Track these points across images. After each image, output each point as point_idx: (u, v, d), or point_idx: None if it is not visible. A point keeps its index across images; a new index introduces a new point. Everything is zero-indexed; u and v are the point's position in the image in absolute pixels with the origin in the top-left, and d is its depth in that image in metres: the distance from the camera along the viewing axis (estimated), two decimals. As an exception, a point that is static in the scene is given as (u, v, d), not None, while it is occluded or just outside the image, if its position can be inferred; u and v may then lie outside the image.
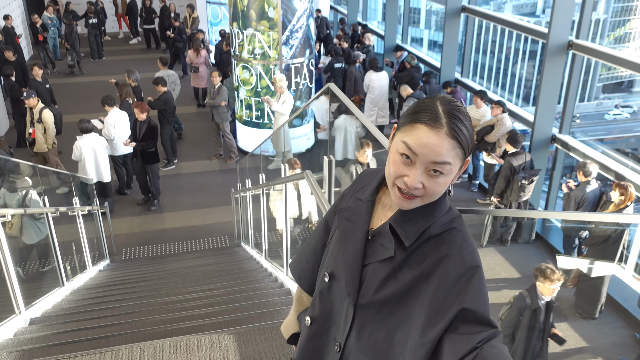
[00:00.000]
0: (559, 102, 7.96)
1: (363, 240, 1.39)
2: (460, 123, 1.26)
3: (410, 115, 1.30)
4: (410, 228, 1.33)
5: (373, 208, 1.45)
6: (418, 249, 1.31)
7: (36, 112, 8.31)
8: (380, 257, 1.34)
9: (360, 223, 1.42)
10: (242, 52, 9.50)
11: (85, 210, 6.38)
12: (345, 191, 1.60)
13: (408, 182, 1.26)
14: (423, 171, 1.25)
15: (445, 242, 1.30)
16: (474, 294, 1.23)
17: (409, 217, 1.34)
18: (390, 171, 1.31)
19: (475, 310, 1.20)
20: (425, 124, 1.25)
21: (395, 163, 1.29)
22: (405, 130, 1.28)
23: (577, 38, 7.32)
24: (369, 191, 1.47)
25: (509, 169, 7.14)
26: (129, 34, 18.90)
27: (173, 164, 10.13)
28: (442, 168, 1.24)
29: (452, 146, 1.24)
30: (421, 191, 1.27)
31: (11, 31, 13.75)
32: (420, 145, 1.24)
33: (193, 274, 5.90)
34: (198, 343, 3.10)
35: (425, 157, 1.24)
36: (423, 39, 37.76)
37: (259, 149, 7.92)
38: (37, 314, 4.46)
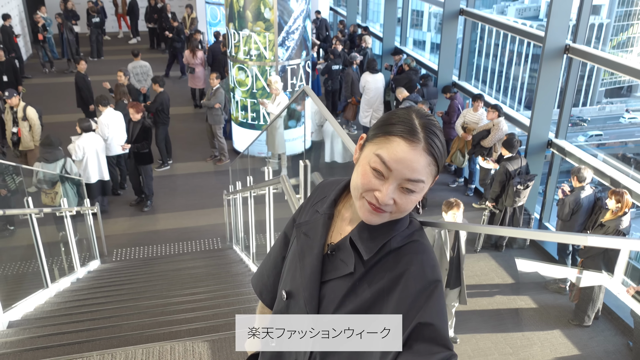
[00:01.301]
0: (558, 106, 7.89)
1: (320, 256, 1.32)
2: (436, 138, 1.20)
3: (384, 126, 1.22)
4: (370, 241, 1.26)
5: (331, 222, 1.38)
6: (378, 264, 1.24)
7: (20, 110, 8.27)
8: (339, 273, 1.27)
9: (317, 238, 1.35)
10: (238, 53, 9.44)
11: (73, 211, 6.31)
12: (304, 204, 1.52)
13: (379, 197, 1.19)
14: (396, 187, 1.19)
15: (406, 255, 1.24)
16: (433, 310, 1.16)
17: (371, 232, 1.27)
18: (358, 183, 1.23)
19: (433, 324, 1.13)
20: (402, 138, 1.18)
21: (365, 175, 1.22)
22: (379, 142, 1.21)
23: (574, 42, 7.24)
24: (327, 203, 1.40)
25: (504, 173, 7.05)
26: (129, 33, 18.87)
27: (167, 165, 10.08)
28: (415, 186, 1.19)
29: (427, 163, 1.18)
30: (392, 207, 1.21)
31: (9, 30, 13.72)
32: (396, 160, 1.17)
33: (180, 277, 5.84)
34: (171, 350, 3.03)
35: (399, 174, 1.17)
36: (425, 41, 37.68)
37: (255, 151, 7.88)
38: (17, 316, 4.39)
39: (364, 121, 10.66)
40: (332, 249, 1.31)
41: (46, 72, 15.29)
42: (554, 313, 6.35)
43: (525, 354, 5.71)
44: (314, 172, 2.69)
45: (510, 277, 7.08)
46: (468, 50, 10.41)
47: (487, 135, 8.16)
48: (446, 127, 9.51)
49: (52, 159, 7.08)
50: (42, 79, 14.92)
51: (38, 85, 14.36)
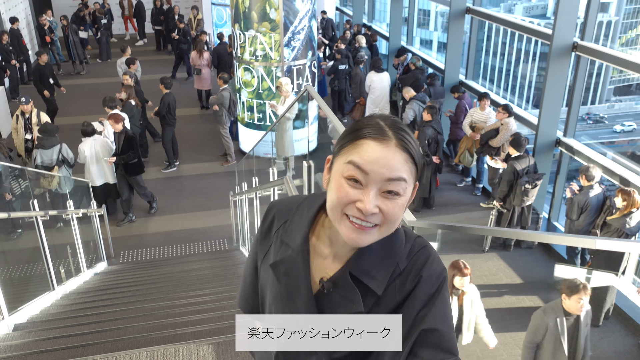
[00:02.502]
0: (566, 104, 7.82)
1: (311, 295, 1.22)
2: (407, 135, 1.13)
3: (350, 134, 1.15)
4: (378, 273, 1.18)
5: (309, 258, 1.25)
6: (388, 289, 1.18)
7: (34, 116, 8.28)
8: (346, 311, 1.18)
9: (301, 277, 1.23)
10: (244, 53, 9.43)
11: (79, 213, 6.31)
12: (263, 230, 1.38)
13: (362, 207, 1.09)
14: (377, 192, 1.10)
15: (412, 271, 1.19)
16: (437, 316, 1.14)
17: (371, 262, 1.18)
18: (335, 200, 1.13)
19: (437, 329, 1.12)
20: (372, 138, 1.10)
21: (341, 188, 1.12)
22: (348, 150, 1.13)
23: (582, 40, 7.17)
24: (300, 237, 1.26)
25: (512, 173, 6.99)
26: (136, 35, 18.92)
27: (174, 166, 10.08)
28: (398, 186, 1.10)
29: (404, 159, 1.11)
30: (379, 217, 1.11)
31: (17, 33, 13.79)
32: (370, 161, 1.09)
33: (186, 278, 5.82)
34: (176, 353, 3.01)
35: (377, 175, 1.09)
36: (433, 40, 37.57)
37: (261, 152, 7.86)
38: (22, 319, 4.39)
39: (371, 121, 10.60)
40: (329, 287, 1.20)
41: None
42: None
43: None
44: (318, 172, 2.66)
45: (519, 277, 7.03)
46: (475, 49, 10.35)
47: (495, 135, 8.10)
48: (453, 127, 9.46)
49: (48, 145, 7.57)
50: (49, 81, 14.96)
51: (46, 87, 14.40)
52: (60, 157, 7.68)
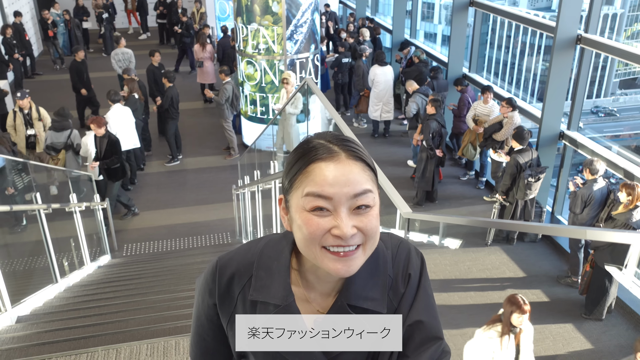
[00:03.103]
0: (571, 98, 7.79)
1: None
2: (355, 144, 1.07)
3: (295, 164, 1.07)
4: (375, 293, 1.14)
5: (297, 307, 1.15)
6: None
7: (34, 111, 8.25)
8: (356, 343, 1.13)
9: (299, 328, 1.14)
10: (247, 47, 9.41)
11: (82, 207, 6.33)
12: (221, 291, 1.20)
13: (340, 233, 1.01)
14: (348, 212, 1.02)
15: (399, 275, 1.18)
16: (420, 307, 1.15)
17: (364, 285, 1.14)
18: (308, 235, 1.03)
19: (421, 321, 1.13)
20: (320, 160, 1.03)
21: (310, 222, 1.02)
22: (300, 183, 1.04)
23: (586, 32, 7.13)
24: (282, 290, 1.14)
25: (515, 166, 6.97)
26: (139, 29, 18.90)
27: (177, 160, 10.09)
28: (366, 199, 1.03)
29: (361, 169, 1.04)
30: (359, 237, 1.04)
31: (20, 28, 13.79)
32: (327, 183, 1.01)
33: (188, 271, 5.83)
34: (176, 345, 3.02)
35: (342, 196, 1.01)
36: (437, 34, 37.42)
37: (264, 145, 7.86)
38: (25, 311, 4.41)
39: (374, 115, 10.59)
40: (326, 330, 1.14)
41: (57, 69, 15.37)
42: (566, 307, 6.28)
43: (537, 347, 5.64)
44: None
45: (522, 271, 7.02)
46: (479, 42, 10.30)
47: (499, 129, 8.07)
48: (456, 121, 9.43)
49: (59, 128, 7.91)
50: (52, 75, 14.99)
51: (49, 81, 14.44)
52: (68, 142, 7.93)
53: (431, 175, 8.24)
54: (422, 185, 8.37)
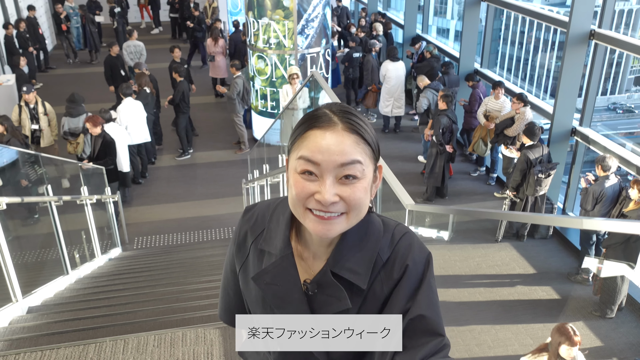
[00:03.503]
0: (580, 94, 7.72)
1: (303, 299, 1.20)
2: (355, 117, 1.11)
3: (297, 129, 1.14)
4: (359, 267, 1.16)
5: (294, 260, 1.23)
6: (374, 282, 1.17)
7: (39, 105, 8.30)
8: (333, 309, 1.17)
9: (291, 282, 1.21)
10: (258, 41, 9.42)
11: (93, 199, 6.38)
12: (238, 239, 1.34)
13: (321, 198, 1.07)
14: (333, 181, 1.07)
15: (397, 262, 1.18)
16: (423, 302, 1.14)
17: (350, 257, 1.17)
18: (295, 196, 1.11)
19: (424, 315, 1.12)
20: (317, 128, 1.09)
21: (297, 184, 1.10)
22: (298, 145, 1.11)
23: (599, 27, 7.05)
24: (281, 242, 1.23)
25: (525, 162, 6.93)
26: (151, 23, 18.97)
27: (188, 154, 10.13)
28: (353, 169, 1.07)
29: (354, 141, 1.08)
30: (342, 205, 1.09)
31: (34, 22, 13.90)
32: (319, 150, 1.06)
33: (197, 264, 5.87)
34: (183, 337, 3.04)
35: (329, 163, 1.06)
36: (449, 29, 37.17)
37: (274, 139, 7.86)
38: (36, 302, 4.46)
39: (385, 110, 10.56)
40: (314, 288, 1.19)
41: (70, 63, 15.47)
42: (576, 304, 6.24)
43: (546, 345, 5.62)
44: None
45: (532, 267, 6.99)
46: (491, 38, 10.23)
47: (511, 124, 8.02)
48: (467, 116, 9.38)
49: (75, 113, 8.16)
50: (66, 69, 15.10)
51: (63, 75, 14.54)
52: (85, 126, 7.96)
53: (441, 171, 8.20)
54: (431, 181, 8.34)
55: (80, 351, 2.92)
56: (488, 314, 6.05)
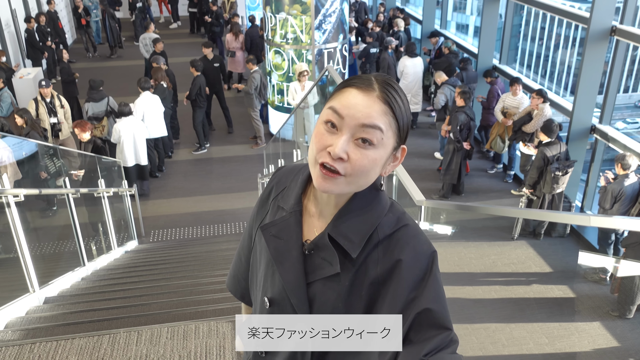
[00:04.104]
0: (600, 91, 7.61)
1: (301, 258, 1.22)
2: (394, 92, 1.13)
3: (339, 86, 1.17)
4: (354, 235, 1.17)
5: (302, 218, 1.27)
6: (368, 258, 1.17)
7: (56, 99, 8.41)
8: (324, 273, 1.18)
9: (293, 238, 1.24)
10: (275, 36, 9.42)
11: (110, 192, 6.44)
12: (263, 197, 1.39)
13: (332, 150, 1.09)
14: (350, 138, 1.10)
15: (397, 244, 1.17)
16: (430, 296, 1.12)
17: (349, 224, 1.18)
18: (313, 146, 1.14)
19: (430, 309, 1.10)
20: (355, 87, 1.12)
21: (318, 134, 1.13)
22: (333, 98, 1.15)
23: (621, 23, 6.94)
24: (293, 199, 1.28)
25: (542, 159, 6.85)
26: (170, 18, 19.07)
27: (204, 148, 10.18)
28: (372, 134, 1.09)
29: (383, 111, 1.11)
30: (345, 167, 1.11)
31: (54, 15, 14.03)
32: (347, 105, 1.10)
33: (212, 258, 5.90)
34: (196, 329, 3.06)
35: (352, 119, 1.09)
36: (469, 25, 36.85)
37: (289, 134, 7.86)
38: (53, 293, 4.52)
39: (401, 106, 10.49)
40: (310, 248, 1.21)
41: (89, 57, 15.61)
42: (593, 303, 6.17)
43: (562, 344, 5.57)
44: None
45: (548, 266, 6.92)
46: (510, 34, 10.12)
47: (528, 120, 7.94)
48: (485, 113, 9.30)
49: (98, 98, 8.64)
50: (85, 63, 15.24)
51: (82, 69, 14.66)
52: (108, 109, 8.67)
53: (457, 168, 8.15)
54: (447, 178, 8.29)
55: (95, 342, 2.95)
56: (503, 312, 6.00)
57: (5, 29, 11.94)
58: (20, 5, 13.38)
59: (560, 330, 5.76)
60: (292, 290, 1.21)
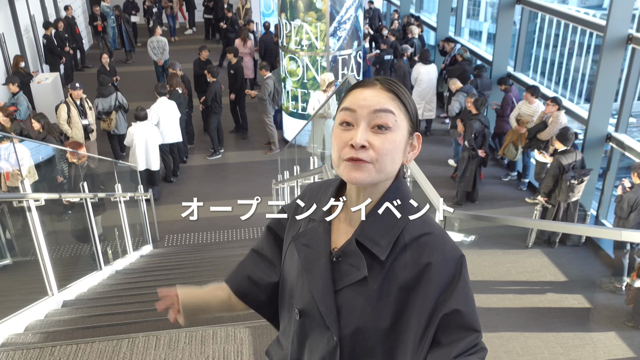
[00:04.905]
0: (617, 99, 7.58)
1: (329, 265, 1.25)
2: (396, 84, 1.23)
3: (346, 90, 1.27)
4: (381, 239, 1.20)
5: (330, 227, 1.31)
6: (395, 261, 1.19)
7: (85, 101, 8.55)
8: (352, 279, 1.21)
9: (321, 246, 1.28)
10: (290, 43, 9.47)
11: (127, 197, 6.51)
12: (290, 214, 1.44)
13: (353, 141, 1.17)
14: (367, 127, 1.18)
15: (425, 248, 1.19)
16: (459, 298, 1.15)
17: (376, 228, 1.22)
18: (335, 147, 1.22)
19: (459, 310, 1.13)
20: (360, 86, 1.23)
21: (337, 136, 1.22)
22: (343, 101, 1.25)
23: (637, 32, 6.92)
24: (322, 210, 1.33)
25: (558, 167, 6.83)
26: (185, 24, 19.22)
27: (219, 154, 10.24)
28: (386, 118, 1.18)
29: (389, 97, 1.20)
30: (369, 154, 1.17)
31: (72, 21, 14.21)
32: (356, 100, 1.20)
33: (227, 263, 5.93)
34: (213, 335, 3.09)
35: (364, 109, 1.18)
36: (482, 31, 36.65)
37: (304, 141, 7.89)
38: (71, 296, 4.57)
39: (415, 113, 10.51)
40: (338, 255, 1.25)
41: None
42: (608, 313, 6.14)
43: (577, 354, 5.54)
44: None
45: (563, 275, 6.88)
46: (524, 41, 10.11)
47: (543, 128, 7.91)
48: (499, 120, 9.28)
49: (107, 93, 9.06)
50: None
51: (98, 74, 14.83)
52: (116, 104, 9.12)
53: (472, 175, 8.14)
54: (462, 186, 8.28)
55: (114, 346, 2.99)
56: (517, 321, 5.98)
57: (25, 35, 12.12)
58: (39, 11, 13.57)
59: (575, 340, 5.72)
60: (320, 298, 1.23)
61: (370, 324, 1.19)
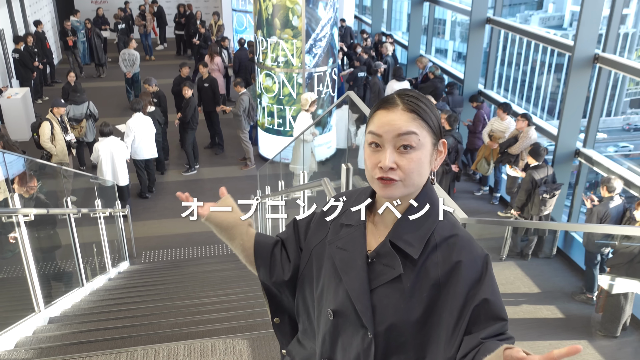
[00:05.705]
0: (584, 116, 7.87)
1: (365, 266, 1.34)
2: (416, 100, 1.31)
3: (371, 110, 1.37)
4: (413, 239, 1.31)
5: (366, 231, 1.40)
6: (427, 260, 1.29)
7: (65, 117, 8.48)
8: (387, 278, 1.31)
9: (358, 249, 1.37)
10: (266, 59, 9.57)
11: (107, 213, 6.46)
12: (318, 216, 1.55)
13: (382, 164, 1.27)
14: (393, 150, 1.28)
15: (454, 248, 1.30)
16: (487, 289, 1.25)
17: (408, 229, 1.32)
18: (367, 166, 1.33)
19: (487, 299, 1.23)
20: (381, 108, 1.32)
21: (369, 156, 1.32)
22: (369, 124, 1.34)
23: (603, 51, 7.24)
24: (358, 215, 1.42)
25: (530, 182, 7.06)
26: (156, 39, 19.13)
27: (194, 169, 10.22)
28: (410, 140, 1.27)
29: (411, 118, 1.28)
30: (398, 173, 1.28)
31: (42, 36, 14.03)
32: (381, 125, 1.29)
33: (210, 278, 5.94)
34: (212, 347, 3.11)
35: (389, 134, 1.28)
36: (448, 50, 37.53)
37: (279, 156, 7.95)
38: (56, 313, 4.52)
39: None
40: (373, 256, 1.34)
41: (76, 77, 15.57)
42: (581, 323, 6.31)
43: (552, 363, 5.66)
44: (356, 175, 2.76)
45: (536, 286, 7.05)
46: (494, 59, 10.43)
47: (514, 143, 8.16)
48: (471, 137, 9.53)
49: (80, 101, 9.40)
50: (71, 83, 15.18)
51: (68, 89, 14.64)
52: (88, 112, 9.46)
53: (446, 189, 8.32)
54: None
55: (113, 359, 2.99)
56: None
57: (-7, 49, 11.92)
58: (8, 26, 13.36)
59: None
60: (357, 297, 1.32)
61: (403, 320, 1.28)
